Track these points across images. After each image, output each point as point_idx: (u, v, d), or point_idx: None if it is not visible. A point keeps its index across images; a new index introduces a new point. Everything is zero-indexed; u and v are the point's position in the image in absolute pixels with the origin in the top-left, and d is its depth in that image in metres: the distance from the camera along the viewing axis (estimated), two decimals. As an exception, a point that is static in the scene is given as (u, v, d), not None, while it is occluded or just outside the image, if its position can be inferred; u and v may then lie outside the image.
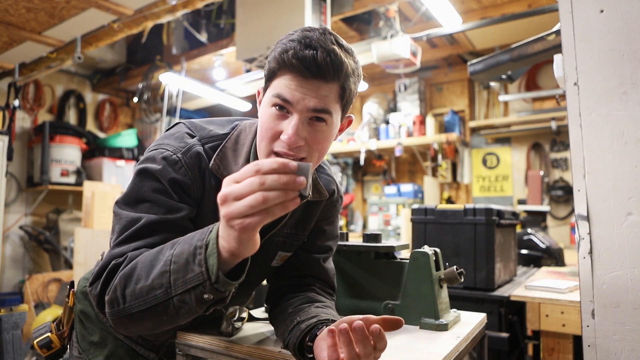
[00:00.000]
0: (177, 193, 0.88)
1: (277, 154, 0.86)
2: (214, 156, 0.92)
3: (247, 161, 0.94)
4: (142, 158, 0.93)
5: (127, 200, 0.89)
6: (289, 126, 0.84)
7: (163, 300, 0.73)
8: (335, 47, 0.83)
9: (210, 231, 0.70)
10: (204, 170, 0.92)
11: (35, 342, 1.11)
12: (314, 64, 0.81)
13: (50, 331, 1.14)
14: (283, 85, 0.84)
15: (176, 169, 0.88)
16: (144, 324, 0.79)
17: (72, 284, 1.16)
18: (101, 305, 0.81)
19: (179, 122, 1.00)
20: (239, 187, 0.62)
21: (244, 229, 0.62)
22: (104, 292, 0.80)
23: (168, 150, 0.90)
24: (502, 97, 4.76)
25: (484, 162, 5.19)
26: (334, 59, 0.82)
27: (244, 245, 0.65)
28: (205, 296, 0.70)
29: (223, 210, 0.63)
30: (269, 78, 0.87)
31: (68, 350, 1.14)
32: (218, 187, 0.93)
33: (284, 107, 0.84)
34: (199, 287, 0.69)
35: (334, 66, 0.82)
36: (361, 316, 0.72)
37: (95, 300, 0.82)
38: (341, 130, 0.96)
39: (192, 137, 0.94)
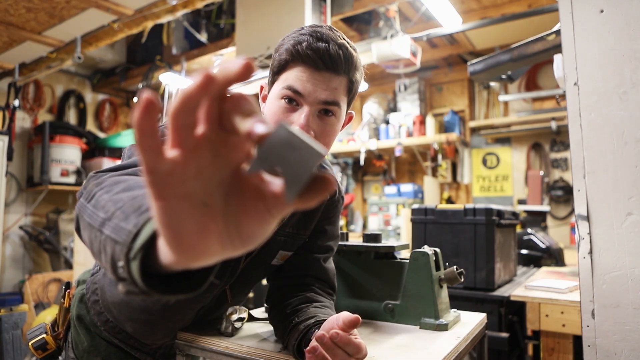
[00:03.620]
0: None
1: None
2: None
3: None
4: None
5: (111, 168, 0.71)
6: (300, 117, 0.84)
7: (98, 228, 0.52)
8: (345, 42, 0.86)
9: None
10: None
11: (30, 343, 1.09)
12: (327, 56, 0.83)
13: (46, 332, 1.12)
14: (294, 77, 0.85)
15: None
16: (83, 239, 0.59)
17: (67, 284, 1.14)
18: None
19: None
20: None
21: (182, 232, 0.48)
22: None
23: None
24: (502, 97, 4.76)
25: (484, 162, 5.19)
26: (345, 52, 0.85)
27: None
28: (120, 264, 0.45)
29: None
30: (278, 71, 0.88)
31: (64, 351, 1.11)
32: None
33: (293, 100, 0.85)
34: (119, 245, 0.46)
35: (346, 59, 0.85)
36: (337, 315, 0.77)
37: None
38: (342, 126, 0.97)
39: None
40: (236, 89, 0.32)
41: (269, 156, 0.31)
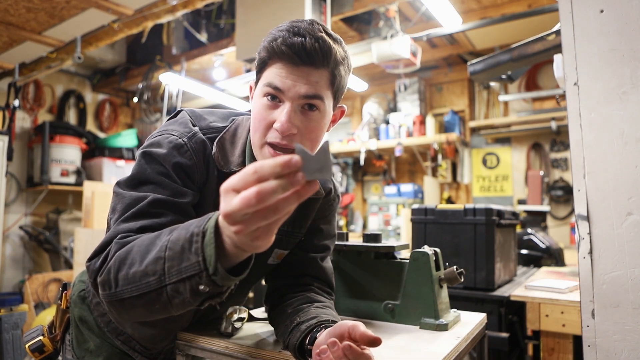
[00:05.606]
0: (181, 178, 0.88)
1: (270, 145, 0.85)
2: (214, 145, 0.94)
3: (243, 152, 0.95)
4: (145, 143, 0.92)
5: (130, 182, 0.87)
6: (281, 114, 0.84)
7: (156, 288, 0.68)
8: (324, 35, 0.84)
9: (209, 218, 0.64)
10: (208, 156, 0.92)
11: (27, 345, 1.08)
12: (303, 50, 0.82)
13: (42, 334, 1.11)
14: (273, 74, 0.85)
15: (181, 153, 0.89)
16: (136, 311, 0.73)
17: (64, 286, 1.13)
18: (95, 285, 0.77)
19: (182, 110, 1.01)
20: (241, 206, 0.52)
21: (257, 239, 0.57)
22: (100, 270, 0.75)
23: (173, 135, 0.90)
24: (502, 97, 4.76)
25: (484, 162, 5.19)
26: (322, 45, 0.83)
27: (258, 244, 0.59)
28: (201, 287, 0.64)
29: (233, 229, 0.56)
30: (260, 69, 0.89)
31: (61, 353, 1.11)
32: (220, 178, 0.94)
33: (275, 97, 0.85)
34: (195, 278, 0.64)
35: (323, 52, 0.83)
36: (351, 323, 0.74)
37: (92, 277, 0.77)
38: (334, 122, 0.97)
39: (194, 126, 0.95)
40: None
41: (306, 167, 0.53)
